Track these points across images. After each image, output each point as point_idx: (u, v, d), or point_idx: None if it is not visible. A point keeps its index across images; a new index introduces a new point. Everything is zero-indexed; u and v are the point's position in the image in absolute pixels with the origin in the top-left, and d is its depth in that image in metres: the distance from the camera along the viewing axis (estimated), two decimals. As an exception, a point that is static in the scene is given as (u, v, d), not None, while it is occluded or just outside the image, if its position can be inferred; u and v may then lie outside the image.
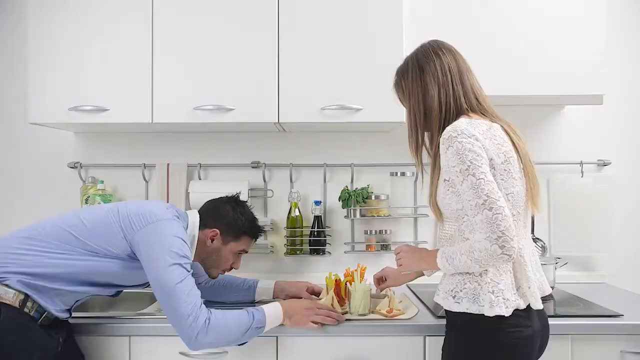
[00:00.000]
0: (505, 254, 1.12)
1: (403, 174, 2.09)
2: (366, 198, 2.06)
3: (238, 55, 1.79)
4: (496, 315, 1.18)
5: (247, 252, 1.60)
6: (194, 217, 1.53)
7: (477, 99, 1.32)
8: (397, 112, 1.73)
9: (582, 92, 1.82)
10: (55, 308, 1.35)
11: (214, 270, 1.57)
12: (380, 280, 1.69)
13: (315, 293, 1.71)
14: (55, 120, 1.82)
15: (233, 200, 1.61)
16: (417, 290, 1.87)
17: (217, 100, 1.77)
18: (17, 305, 1.29)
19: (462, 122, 1.23)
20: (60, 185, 2.13)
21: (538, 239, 2.08)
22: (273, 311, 1.41)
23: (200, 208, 1.59)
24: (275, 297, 1.71)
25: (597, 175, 2.13)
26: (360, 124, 1.85)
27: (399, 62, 1.77)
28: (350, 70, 1.79)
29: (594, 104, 1.88)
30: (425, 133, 1.34)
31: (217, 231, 1.53)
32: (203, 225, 1.53)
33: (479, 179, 1.16)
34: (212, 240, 1.53)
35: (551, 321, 1.46)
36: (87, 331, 1.49)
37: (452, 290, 1.26)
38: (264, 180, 2.14)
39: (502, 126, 1.30)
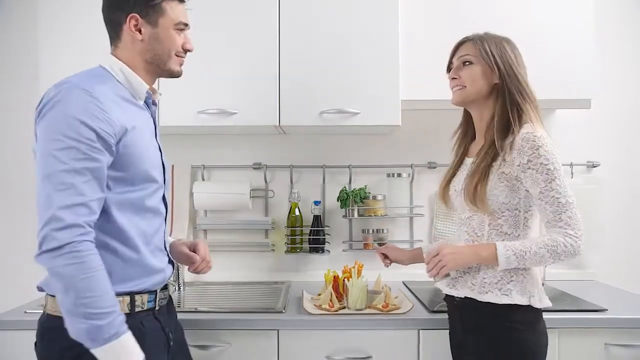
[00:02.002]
0: (580, 253, 1.22)
1: (399, 175, 2.13)
2: (364, 198, 2.10)
3: (241, 61, 1.82)
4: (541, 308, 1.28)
5: (186, 24, 1.27)
6: (110, 60, 1.22)
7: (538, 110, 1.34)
8: (393, 116, 1.81)
9: (571, 96, 1.85)
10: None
11: (170, 63, 1.25)
12: (385, 256, 1.64)
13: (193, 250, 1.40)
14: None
15: None
16: (413, 287, 1.93)
17: (221, 105, 1.81)
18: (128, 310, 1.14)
19: (542, 130, 1.27)
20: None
21: None
22: (126, 344, 1.03)
23: (105, 21, 1.24)
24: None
25: (586, 176, 2.17)
26: (358, 127, 1.88)
27: (394, 71, 1.84)
28: (348, 76, 1.81)
29: (582, 107, 1.91)
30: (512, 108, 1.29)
31: (136, 15, 1.19)
32: (116, 29, 1.21)
33: (563, 181, 1.23)
34: (139, 30, 1.20)
35: (539, 315, 1.54)
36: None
37: (497, 283, 1.28)
38: (265, 181, 2.17)
39: None
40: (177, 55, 1.26)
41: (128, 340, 1.04)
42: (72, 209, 1.02)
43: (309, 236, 2.12)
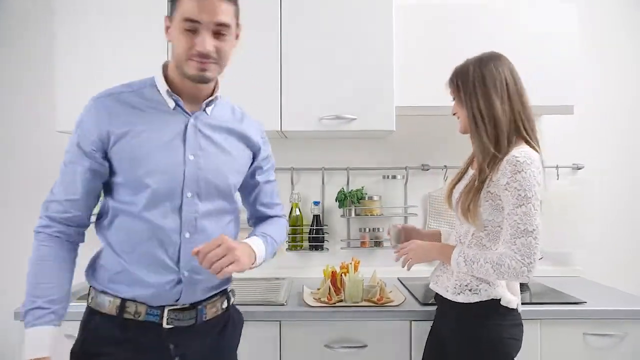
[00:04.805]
0: (528, 277, 1.25)
1: (394, 177, 2.20)
2: (360, 199, 2.16)
3: (244, 70, 1.84)
4: (508, 307, 1.32)
5: (196, 20, 1.10)
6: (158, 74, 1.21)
7: (531, 120, 1.35)
8: (387, 122, 1.89)
9: (554, 102, 1.92)
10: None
11: (185, 68, 1.14)
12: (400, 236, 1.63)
13: None
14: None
15: None
16: (407, 283, 2.02)
17: None
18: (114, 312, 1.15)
19: (532, 152, 1.28)
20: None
21: None
22: (32, 337, 1.07)
23: None
24: None
25: (571, 178, 2.25)
26: (355, 132, 1.95)
27: (389, 80, 1.88)
28: (346, 84, 1.88)
29: (565, 113, 1.99)
30: (489, 139, 1.32)
31: (166, 17, 1.16)
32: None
33: (536, 210, 1.24)
34: (167, 29, 1.17)
35: (522, 307, 1.62)
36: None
37: (467, 285, 1.34)
38: None
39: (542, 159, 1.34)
40: (190, 59, 1.12)
41: (36, 336, 1.07)
42: (46, 204, 1.17)
43: (309, 235, 2.19)
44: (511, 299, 1.34)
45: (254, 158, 1.34)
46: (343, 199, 2.17)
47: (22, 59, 2.26)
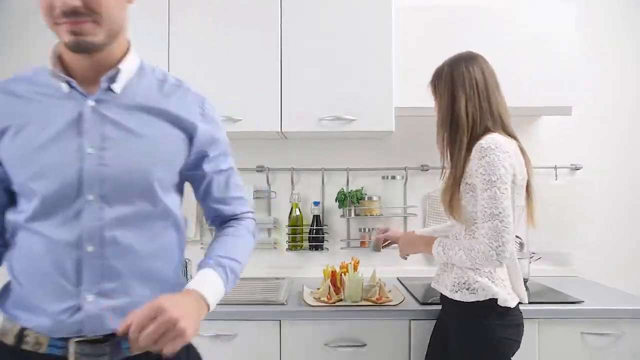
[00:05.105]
0: (498, 261, 1.26)
1: (393, 177, 2.22)
2: (360, 199, 2.18)
3: (245, 72, 1.90)
4: (506, 306, 1.33)
5: None
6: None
7: (501, 117, 1.38)
8: (387, 122, 1.90)
9: (553, 103, 1.94)
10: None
11: (58, 34, 0.91)
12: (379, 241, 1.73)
13: None
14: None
15: None
16: (407, 283, 2.03)
17: (226, 112, 1.89)
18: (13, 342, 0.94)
19: (499, 137, 1.31)
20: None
21: (516, 236, 2.24)
22: None
23: None
24: None
25: (570, 179, 2.26)
26: (354, 133, 1.97)
27: (388, 81, 1.89)
28: (345, 85, 1.90)
29: (563, 114, 2.01)
30: (450, 137, 1.39)
31: None
32: None
33: (502, 192, 1.25)
34: None
35: (520, 307, 1.64)
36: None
37: (465, 283, 1.35)
38: (268, 183, 2.25)
39: (519, 145, 1.39)
40: (56, 23, 0.89)
41: None
42: None
43: (309, 234, 2.20)
44: (507, 297, 1.35)
45: (191, 141, 1.04)
46: (343, 199, 2.19)
47: (22, 59, 2.26)
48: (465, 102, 1.36)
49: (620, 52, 2.29)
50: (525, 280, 1.94)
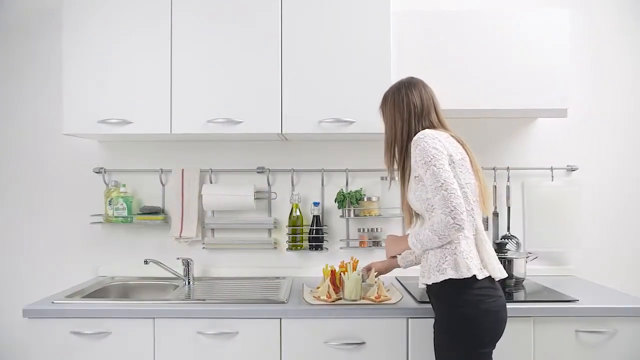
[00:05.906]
0: (457, 224, 1.35)
1: (392, 178, 2.25)
2: (359, 200, 2.20)
3: (247, 75, 1.93)
4: (473, 277, 1.38)
5: None
6: None
7: (435, 126, 1.54)
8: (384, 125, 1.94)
9: (548, 106, 1.97)
10: None
11: None
12: (367, 269, 1.87)
13: None
14: (86, 132, 1.96)
15: None
16: (405, 282, 2.06)
17: (228, 114, 1.92)
18: None
19: (428, 130, 1.48)
20: (86, 189, 2.26)
21: (513, 236, 2.26)
22: None
23: None
24: None
25: (566, 179, 2.29)
26: (353, 135, 2.00)
27: (386, 84, 1.93)
28: (344, 89, 1.93)
29: (559, 116, 2.04)
30: (392, 153, 1.60)
31: None
32: None
33: (439, 168, 1.39)
34: None
35: (516, 305, 1.67)
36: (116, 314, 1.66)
37: (437, 265, 1.43)
38: (268, 184, 2.28)
39: (456, 137, 1.53)
40: None
41: None
42: None
43: (308, 235, 2.23)
44: (471, 266, 1.39)
45: None
46: (342, 199, 2.21)
47: (26, 60, 2.30)
48: (402, 124, 1.55)
49: (614, 55, 2.32)
50: (522, 280, 1.99)
